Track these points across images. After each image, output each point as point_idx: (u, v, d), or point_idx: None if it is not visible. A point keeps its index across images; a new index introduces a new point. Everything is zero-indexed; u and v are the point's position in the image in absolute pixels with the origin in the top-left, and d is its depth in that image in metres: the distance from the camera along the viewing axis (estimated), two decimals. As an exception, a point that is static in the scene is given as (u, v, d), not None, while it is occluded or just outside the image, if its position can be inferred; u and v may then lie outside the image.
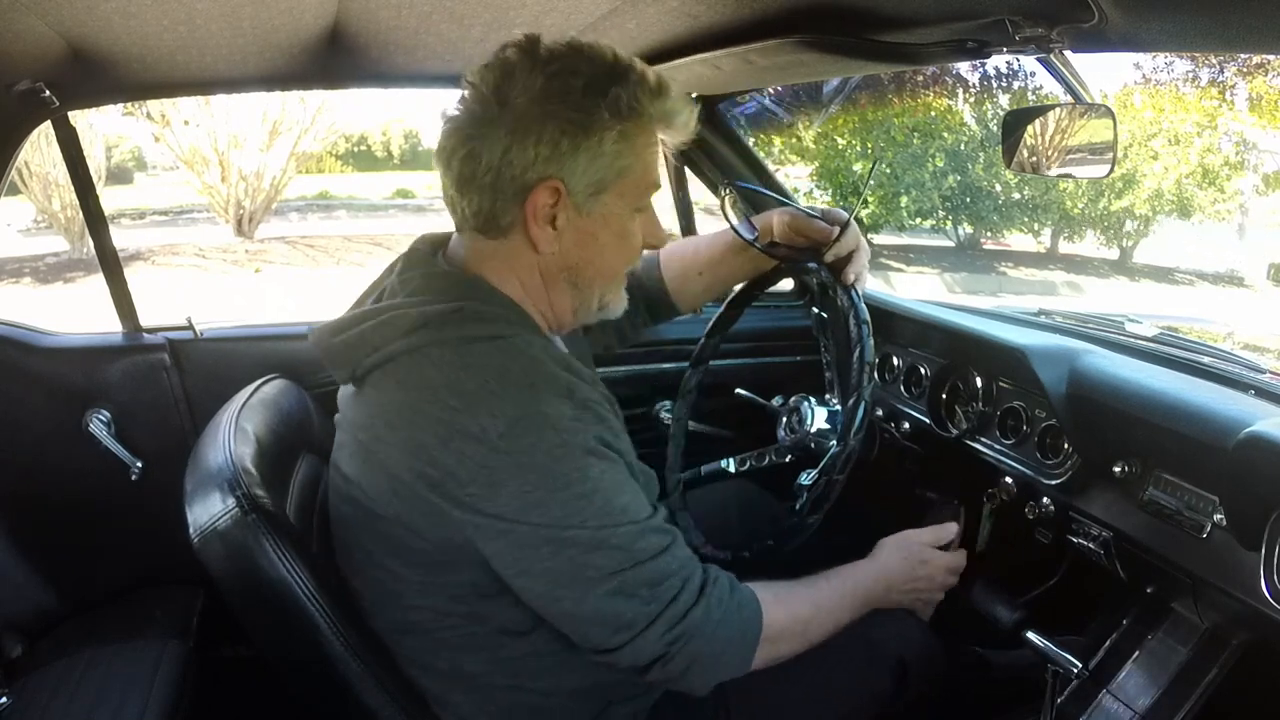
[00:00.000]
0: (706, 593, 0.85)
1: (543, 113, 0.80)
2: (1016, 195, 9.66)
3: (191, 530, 0.85)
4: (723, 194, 1.21)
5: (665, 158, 1.76)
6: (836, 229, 1.14)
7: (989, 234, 10.41)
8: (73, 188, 1.44)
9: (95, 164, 7.68)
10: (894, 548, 1.11)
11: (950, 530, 1.17)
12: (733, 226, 1.18)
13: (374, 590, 0.89)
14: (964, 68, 9.00)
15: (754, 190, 1.52)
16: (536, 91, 0.81)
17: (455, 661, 0.89)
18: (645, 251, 1.26)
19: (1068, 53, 0.96)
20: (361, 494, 0.84)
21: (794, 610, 0.95)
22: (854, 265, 1.15)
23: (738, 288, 1.39)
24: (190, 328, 1.53)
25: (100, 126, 8.41)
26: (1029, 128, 1.20)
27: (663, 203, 1.97)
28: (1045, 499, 1.22)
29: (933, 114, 9.36)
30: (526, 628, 0.87)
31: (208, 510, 0.84)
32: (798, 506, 1.12)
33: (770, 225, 1.19)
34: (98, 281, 1.53)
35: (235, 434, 0.92)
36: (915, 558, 1.11)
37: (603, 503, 0.79)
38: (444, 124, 0.85)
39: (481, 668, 0.89)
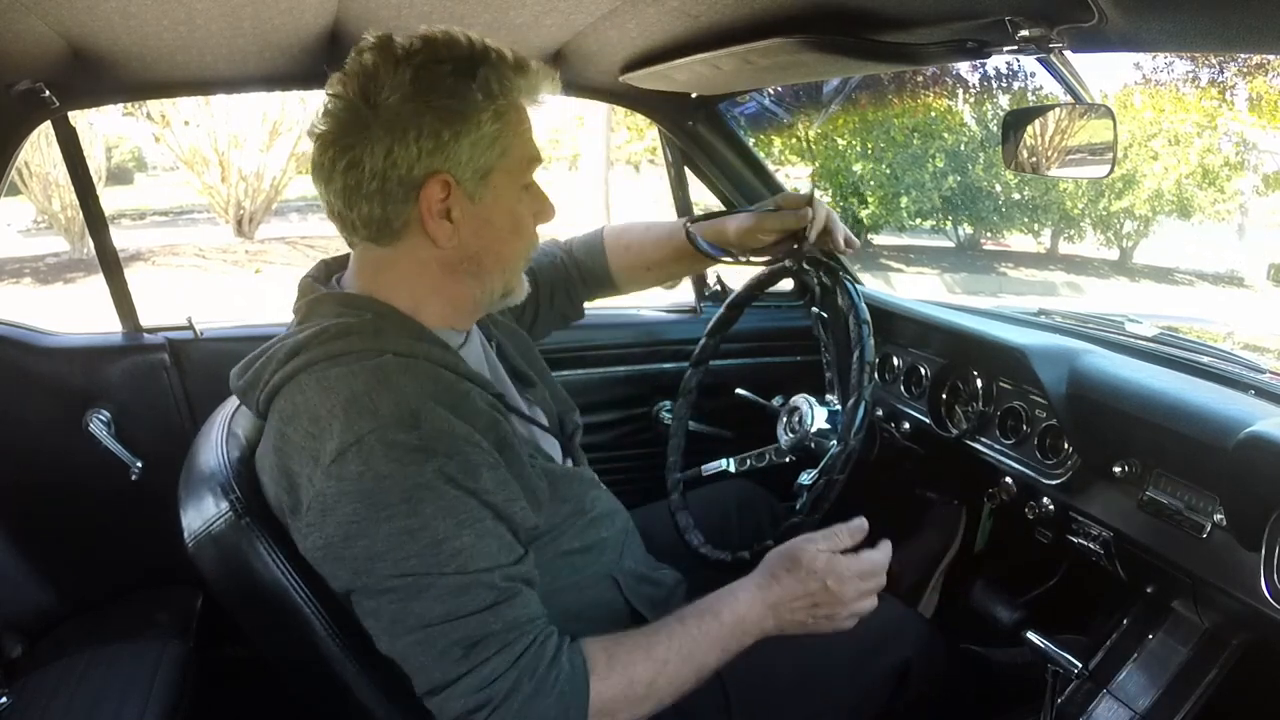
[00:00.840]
0: (521, 663, 0.77)
1: (417, 106, 0.79)
2: (1016, 196, 9.66)
3: (186, 534, 0.85)
4: (686, 228, 1.20)
5: (665, 157, 1.76)
6: (806, 210, 1.15)
7: (989, 234, 10.40)
8: (73, 188, 1.44)
9: (95, 164, 7.67)
10: (778, 560, 0.92)
11: (853, 527, 0.95)
12: (709, 254, 1.20)
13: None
14: (964, 68, 9.00)
15: (713, 216, 1.46)
16: (407, 86, 0.79)
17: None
18: (583, 234, 1.26)
19: (1068, 53, 0.96)
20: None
21: (631, 674, 0.82)
22: (836, 233, 1.19)
23: (737, 288, 1.39)
24: (190, 328, 1.53)
25: (100, 126, 8.40)
26: (1029, 128, 1.20)
27: (663, 203, 1.96)
28: (1045, 499, 1.22)
29: (933, 114, 9.35)
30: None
31: (201, 514, 0.84)
32: (798, 506, 1.12)
33: (728, 238, 1.20)
34: (98, 282, 1.53)
35: (229, 438, 0.92)
36: (805, 568, 0.90)
37: (429, 543, 0.74)
38: (313, 140, 0.83)
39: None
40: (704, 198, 1.87)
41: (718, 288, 1.81)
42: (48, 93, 1.25)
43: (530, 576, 0.82)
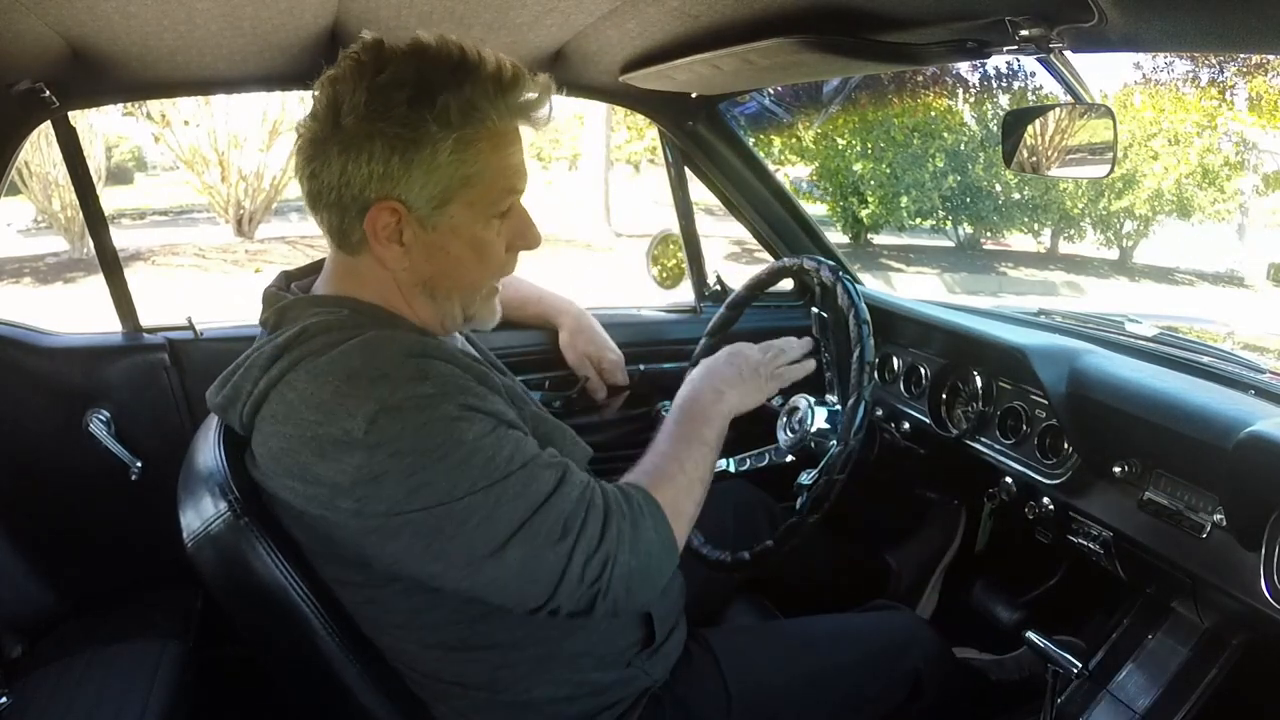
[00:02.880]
0: (609, 513, 0.82)
1: (369, 131, 0.78)
2: (1016, 195, 9.67)
3: (185, 535, 0.85)
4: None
5: (665, 157, 1.76)
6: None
7: (989, 234, 10.41)
8: (73, 188, 1.44)
9: (95, 164, 7.68)
10: (704, 364, 1.11)
11: (785, 342, 1.19)
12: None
13: (354, 606, 0.88)
14: (964, 68, 9.01)
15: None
16: (361, 109, 0.78)
17: (435, 671, 0.89)
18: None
19: (1068, 53, 0.96)
20: (301, 542, 0.84)
21: (667, 472, 0.92)
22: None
23: (736, 288, 1.39)
24: (190, 328, 1.53)
25: (100, 126, 8.41)
26: (1029, 128, 1.20)
27: (663, 203, 1.96)
28: (1045, 499, 1.22)
29: (933, 114, 9.36)
30: (499, 637, 0.87)
31: (200, 515, 0.84)
32: (798, 506, 1.12)
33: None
34: (98, 281, 1.52)
35: (226, 437, 0.92)
36: (726, 354, 1.11)
37: (484, 461, 0.77)
38: (295, 141, 0.83)
39: (461, 679, 0.89)
40: (704, 197, 1.87)
41: (718, 288, 1.81)
42: (48, 93, 1.25)
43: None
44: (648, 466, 0.94)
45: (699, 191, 1.79)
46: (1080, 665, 1.06)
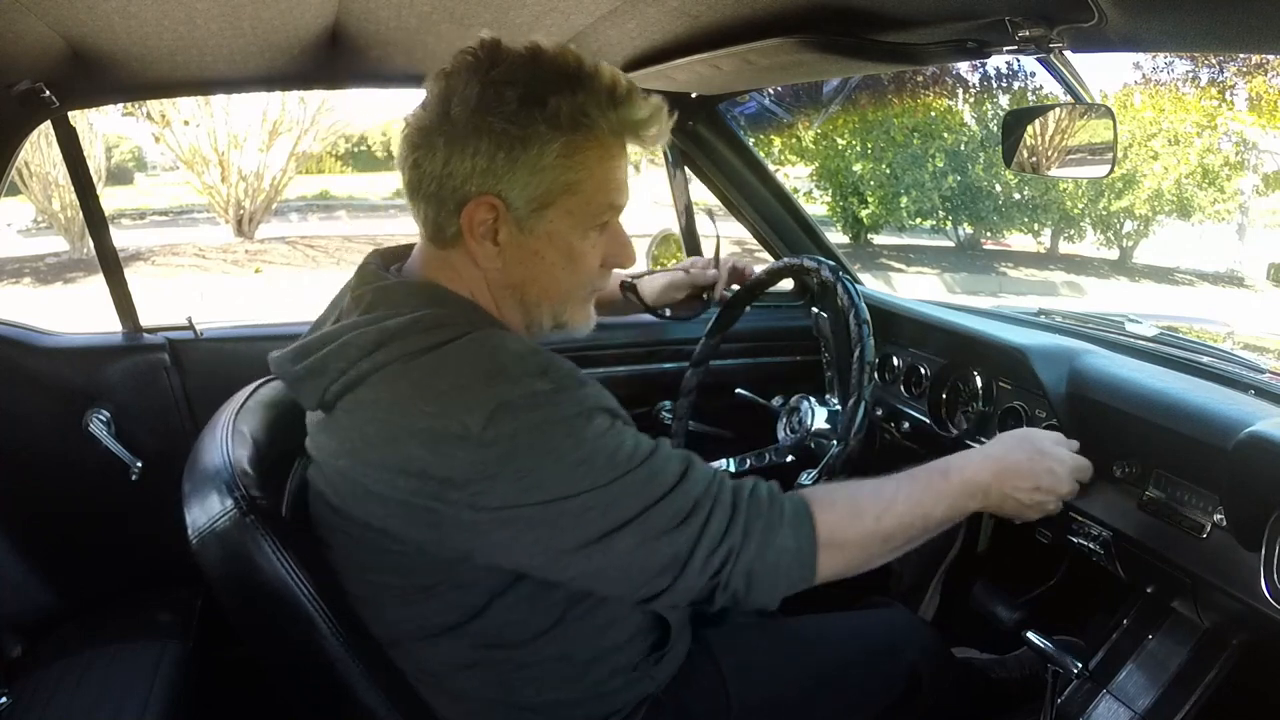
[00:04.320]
0: (740, 505, 0.81)
1: (477, 125, 0.78)
2: (1016, 195, 9.67)
3: (190, 532, 0.85)
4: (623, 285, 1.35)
5: (665, 157, 1.76)
6: (712, 271, 1.34)
7: (989, 234, 10.41)
8: (73, 188, 1.44)
9: (95, 164, 7.68)
10: (1013, 437, 0.99)
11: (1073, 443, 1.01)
12: (650, 310, 1.37)
13: (370, 606, 0.88)
14: (964, 68, 9.01)
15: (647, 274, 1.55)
16: (472, 102, 0.78)
17: (447, 674, 0.89)
18: None
19: (1068, 53, 0.96)
20: (351, 524, 0.82)
21: (857, 507, 0.86)
22: (744, 271, 1.38)
23: (736, 288, 1.39)
24: (190, 328, 1.53)
25: (100, 126, 8.42)
26: (1029, 128, 1.20)
27: (663, 203, 1.97)
28: (1045, 499, 1.22)
29: (933, 114, 9.36)
30: (519, 639, 0.86)
31: (206, 512, 0.84)
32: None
33: (647, 297, 1.37)
34: (98, 281, 1.53)
35: (233, 435, 0.92)
36: (1038, 448, 0.96)
37: (605, 460, 0.76)
38: (403, 128, 0.84)
39: (472, 683, 0.89)
40: (704, 197, 1.87)
41: (717, 288, 1.81)
42: (48, 93, 1.25)
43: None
44: (837, 486, 0.93)
45: (699, 191, 1.79)
46: (1080, 665, 1.06)
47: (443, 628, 0.85)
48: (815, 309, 1.38)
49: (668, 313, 1.39)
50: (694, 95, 1.58)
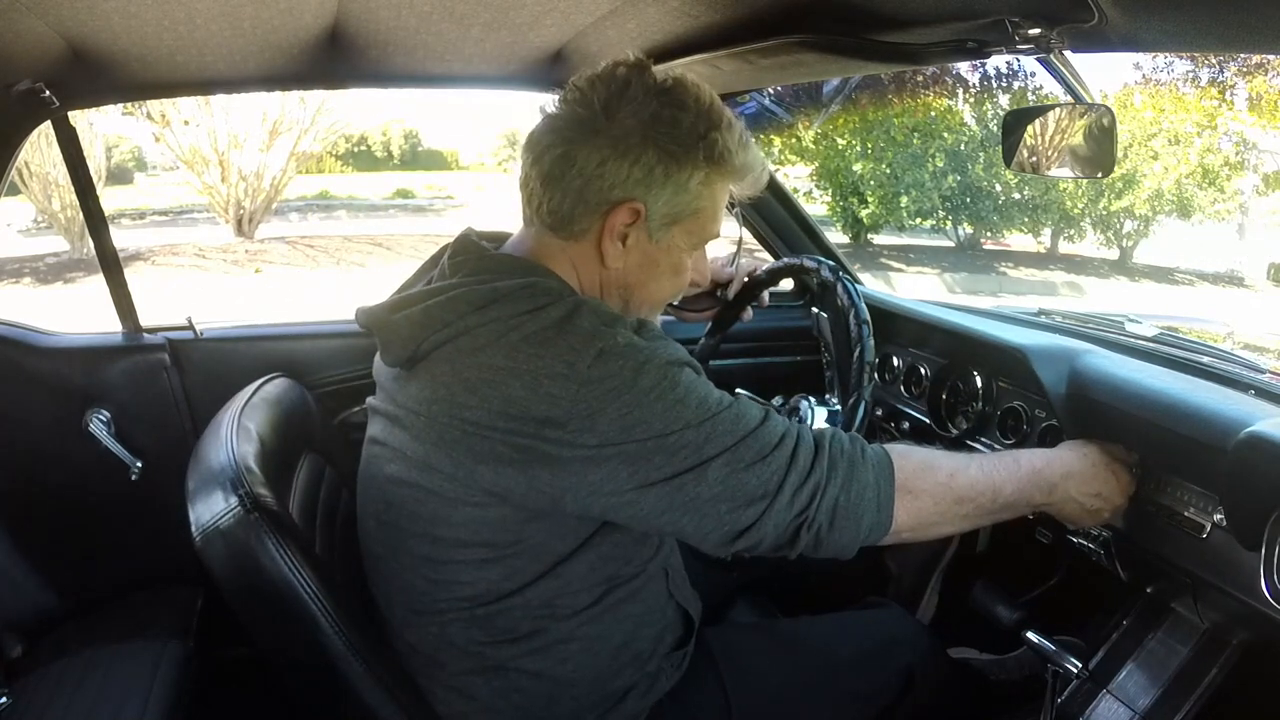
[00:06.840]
0: (823, 443, 0.86)
1: (647, 137, 0.84)
2: (1016, 195, 9.67)
3: (194, 529, 0.85)
4: None
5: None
6: (729, 269, 1.33)
7: (989, 234, 10.41)
8: (73, 188, 1.44)
9: (95, 164, 7.68)
10: (1080, 446, 1.03)
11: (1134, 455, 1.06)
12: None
13: (400, 592, 0.89)
14: (964, 68, 9.00)
15: None
16: (648, 116, 0.84)
17: (466, 659, 0.89)
18: None
19: (1068, 53, 0.96)
20: (432, 476, 0.83)
21: (932, 461, 0.92)
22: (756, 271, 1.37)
23: (735, 288, 1.39)
24: (190, 328, 1.53)
25: (100, 126, 8.41)
26: (1029, 128, 1.20)
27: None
28: (1045, 499, 1.22)
29: (933, 114, 9.36)
30: (569, 611, 0.88)
31: (210, 509, 0.84)
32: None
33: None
34: (98, 281, 1.53)
35: (238, 432, 0.92)
36: (1103, 462, 1.01)
37: (697, 402, 0.82)
38: (542, 118, 0.88)
39: (496, 660, 0.89)
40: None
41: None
42: (48, 93, 1.25)
43: None
44: (930, 450, 0.97)
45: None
46: (1080, 665, 1.06)
47: (505, 593, 0.86)
48: (815, 309, 1.38)
49: (676, 301, 1.38)
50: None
